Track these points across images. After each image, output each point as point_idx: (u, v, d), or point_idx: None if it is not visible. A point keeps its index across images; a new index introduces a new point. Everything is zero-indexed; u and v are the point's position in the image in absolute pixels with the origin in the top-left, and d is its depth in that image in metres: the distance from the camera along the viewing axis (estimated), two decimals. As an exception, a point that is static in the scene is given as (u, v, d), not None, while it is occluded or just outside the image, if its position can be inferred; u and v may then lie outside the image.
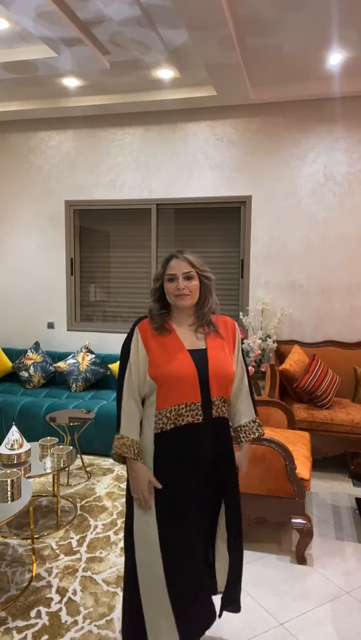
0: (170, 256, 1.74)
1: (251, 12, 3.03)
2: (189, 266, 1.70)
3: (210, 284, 1.75)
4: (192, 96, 4.24)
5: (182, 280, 1.69)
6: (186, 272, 1.70)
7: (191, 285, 1.70)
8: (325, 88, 4.08)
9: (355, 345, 4.26)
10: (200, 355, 1.69)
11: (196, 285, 1.71)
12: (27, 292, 5.13)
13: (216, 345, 1.74)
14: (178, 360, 1.66)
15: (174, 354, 1.67)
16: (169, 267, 1.71)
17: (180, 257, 1.72)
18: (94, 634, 2.08)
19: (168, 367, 1.65)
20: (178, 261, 1.71)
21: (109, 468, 3.79)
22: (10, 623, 2.14)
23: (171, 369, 1.65)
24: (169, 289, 1.71)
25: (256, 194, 4.48)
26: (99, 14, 3.08)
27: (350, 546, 2.77)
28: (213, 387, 1.69)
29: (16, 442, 2.85)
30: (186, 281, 1.69)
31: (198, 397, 1.66)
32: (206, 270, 1.74)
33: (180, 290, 1.68)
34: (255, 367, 4.20)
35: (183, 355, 1.68)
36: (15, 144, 5.06)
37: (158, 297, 1.76)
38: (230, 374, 1.74)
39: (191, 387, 1.66)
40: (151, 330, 1.71)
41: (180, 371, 1.65)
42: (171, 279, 1.70)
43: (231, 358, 1.77)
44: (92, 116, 4.79)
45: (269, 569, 2.56)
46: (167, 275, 1.71)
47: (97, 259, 5.03)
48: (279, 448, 2.60)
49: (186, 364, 1.66)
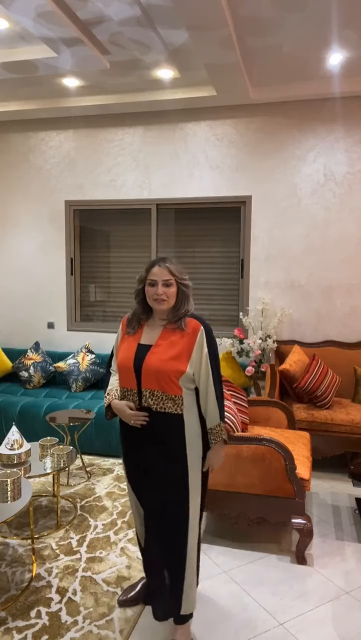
0: (153, 263, 1.94)
1: (251, 12, 3.03)
2: (169, 274, 1.91)
3: (187, 291, 1.96)
4: (192, 96, 4.24)
5: (161, 287, 1.89)
6: (166, 279, 1.90)
7: (169, 291, 1.91)
8: (325, 88, 4.08)
9: (355, 345, 4.26)
10: (145, 350, 1.93)
11: (174, 291, 1.93)
12: (27, 292, 5.13)
13: (166, 343, 1.91)
14: (125, 353, 1.96)
15: (127, 347, 1.97)
16: (151, 273, 1.91)
17: (162, 265, 1.92)
18: (94, 634, 2.08)
19: (119, 358, 1.99)
20: (160, 269, 1.91)
21: (109, 468, 3.79)
22: (10, 623, 2.14)
23: (119, 360, 1.98)
24: (149, 292, 1.92)
25: (256, 194, 4.48)
26: (99, 14, 3.08)
27: (350, 546, 2.77)
28: (143, 379, 1.91)
29: (16, 442, 2.85)
30: (165, 287, 1.90)
31: (134, 385, 1.94)
32: (185, 279, 1.95)
33: (159, 295, 1.90)
34: (255, 367, 4.20)
35: (131, 349, 1.96)
36: (15, 144, 5.06)
37: (141, 298, 1.98)
38: (165, 370, 1.87)
39: (129, 376, 1.94)
40: (124, 328, 2.03)
41: (122, 362, 1.96)
42: (152, 284, 1.91)
43: (183, 358, 1.89)
44: (92, 116, 4.79)
45: (269, 569, 2.56)
46: (149, 280, 1.92)
47: (97, 259, 5.03)
48: (279, 448, 2.60)
49: (128, 357, 1.94)
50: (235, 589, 2.40)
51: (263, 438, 2.63)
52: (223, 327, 4.66)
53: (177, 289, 1.93)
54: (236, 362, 4.30)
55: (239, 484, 2.67)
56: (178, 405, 1.90)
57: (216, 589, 2.40)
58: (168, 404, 1.89)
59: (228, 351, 4.29)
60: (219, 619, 2.19)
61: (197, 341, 1.91)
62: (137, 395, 1.94)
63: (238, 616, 2.21)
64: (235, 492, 2.69)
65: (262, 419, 3.34)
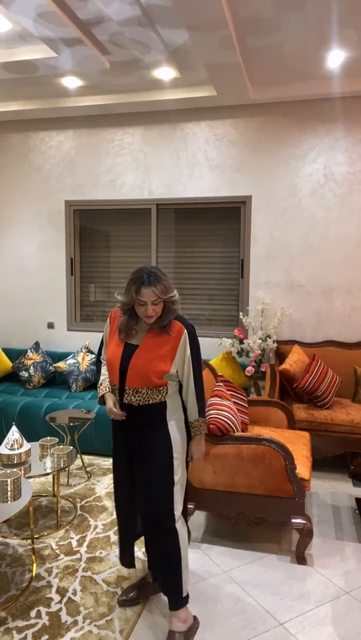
0: (142, 282, 1.97)
1: (251, 12, 3.03)
2: (156, 296, 1.97)
3: (173, 307, 2.04)
4: (192, 96, 4.24)
5: (150, 306, 1.98)
6: (154, 299, 1.97)
7: (158, 308, 2.01)
8: (325, 88, 4.08)
9: (355, 345, 4.26)
10: (132, 350, 2.04)
11: (161, 307, 2.02)
12: (27, 292, 5.13)
13: (150, 344, 2.03)
14: (113, 351, 2.08)
15: (115, 346, 2.09)
16: (141, 294, 1.97)
17: (149, 287, 1.96)
18: (94, 634, 2.08)
19: (108, 355, 2.10)
20: (148, 290, 1.96)
21: (109, 468, 3.79)
22: (10, 623, 2.14)
23: (108, 356, 2.10)
24: (139, 311, 2.02)
25: (256, 194, 4.48)
26: (99, 14, 3.08)
27: (350, 546, 2.77)
28: (128, 378, 2.03)
29: (16, 442, 2.85)
30: (154, 306, 1.99)
31: (117, 382, 2.08)
32: (172, 296, 2.02)
33: (148, 314, 2.00)
34: (255, 367, 4.20)
35: (118, 348, 2.08)
36: (15, 144, 5.06)
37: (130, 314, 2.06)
38: (151, 370, 1.99)
39: (115, 373, 2.07)
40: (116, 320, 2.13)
41: (110, 359, 2.08)
42: (142, 304, 1.99)
43: (168, 358, 2.02)
44: (92, 116, 4.79)
45: (269, 569, 2.56)
46: (139, 301, 1.99)
47: (97, 259, 5.03)
48: (279, 448, 2.60)
49: (116, 355, 2.07)
50: (235, 589, 2.40)
51: (263, 438, 2.63)
52: (223, 327, 4.66)
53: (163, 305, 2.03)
54: (236, 362, 4.30)
55: (239, 484, 2.67)
56: (163, 395, 2.06)
57: (216, 589, 2.40)
58: (153, 396, 2.04)
59: (228, 351, 4.29)
60: (219, 619, 2.19)
61: (180, 343, 2.04)
62: (119, 391, 2.08)
63: (238, 616, 2.21)
64: (235, 492, 2.69)
65: (262, 419, 3.34)
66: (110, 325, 2.17)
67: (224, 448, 2.65)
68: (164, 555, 2.08)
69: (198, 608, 2.26)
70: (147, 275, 1.97)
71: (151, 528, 2.12)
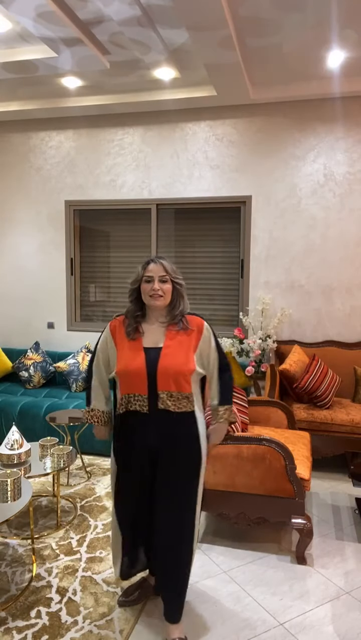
0: (149, 260, 2.00)
1: (251, 12, 3.03)
2: (164, 271, 1.97)
3: (181, 289, 2.02)
4: (192, 96, 4.24)
5: (157, 282, 1.95)
6: (162, 275, 1.96)
7: (165, 287, 1.97)
8: (325, 88, 4.08)
9: (355, 345, 4.26)
10: (155, 353, 1.95)
11: (169, 288, 1.98)
12: (27, 292, 5.13)
13: (174, 344, 1.96)
14: (132, 359, 1.95)
15: (133, 354, 1.96)
16: (147, 270, 1.97)
17: (157, 262, 1.99)
18: (94, 634, 2.08)
19: (125, 365, 1.96)
20: (156, 265, 1.97)
21: (109, 468, 3.78)
22: (10, 623, 2.14)
23: (124, 367, 1.96)
24: (146, 289, 1.97)
25: (256, 194, 4.48)
26: (99, 14, 3.08)
27: (350, 546, 2.77)
28: (159, 382, 1.93)
29: (16, 442, 2.85)
30: (161, 283, 1.96)
31: (145, 390, 1.94)
32: (178, 277, 2.01)
33: (155, 290, 1.95)
34: (255, 367, 4.20)
35: (138, 354, 1.96)
36: (15, 144, 5.06)
37: (135, 297, 2.03)
38: (182, 370, 1.93)
39: (138, 381, 1.94)
40: (123, 332, 2.01)
41: (129, 368, 1.95)
42: (148, 280, 1.97)
43: (190, 355, 1.96)
44: (92, 116, 4.79)
45: (269, 569, 2.56)
46: (145, 277, 1.97)
47: (97, 259, 5.03)
48: (279, 448, 2.60)
49: (137, 363, 1.94)
50: (235, 589, 2.40)
51: (263, 438, 2.63)
52: (223, 327, 4.66)
53: (172, 287, 1.99)
54: (236, 362, 4.30)
55: (239, 484, 2.67)
56: (191, 403, 1.98)
57: (216, 589, 2.40)
58: (183, 403, 1.95)
59: (228, 351, 4.29)
60: (219, 619, 2.19)
61: (203, 336, 2.01)
62: (148, 400, 1.95)
63: (238, 616, 2.21)
64: (235, 492, 2.69)
65: (262, 419, 3.34)
66: (112, 337, 2.05)
67: (224, 448, 2.65)
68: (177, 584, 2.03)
69: (198, 608, 2.26)
70: (155, 257, 2.03)
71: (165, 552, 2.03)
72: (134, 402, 1.97)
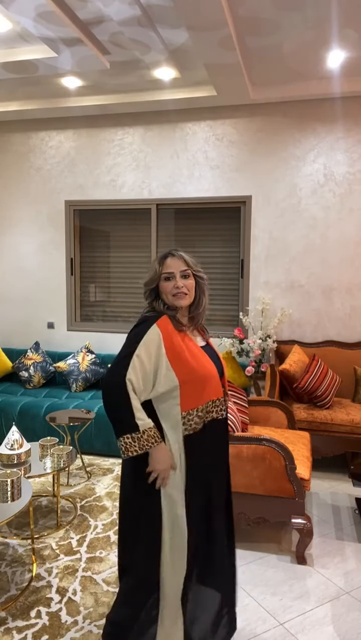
0: (165, 254, 1.70)
1: (251, 12, 3.03)
2: (185, 265, 1.68)
3: (204, 285, 1.74)
4: (192, 96, 4.24)
5: (179, 279, 1.66)
6: (183, 270, 1.67)
7: (188, 283, 1.68)
8: (325, 88, 4.07)
9: (355, 345, 4.26)
10: (210, 353, 1.73)
11: (193, 284, 1.70)
12: (27, 292, 5.13)
13: (212, 344, 1.84)
14: (200, 359, 1.66)
15: (194, 353, 1.66)
16: (165, 266, 1.67)
17: (176, 255, 1.69)
18: (94, 634, 2.08)
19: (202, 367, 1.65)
20: (174, 259, 1.68)
21: (109, 468, 3.79)
22: (10, 623, 2.14)
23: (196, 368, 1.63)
24: (167, 288, 1.66)
25: (256, 194, 4.48)
26: (99, 14, 3.08)
27: (350, 546, 2.77)
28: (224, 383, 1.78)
29: (16, 442, 2.85)
30: (183, 280, 1.67)
31: (221, 392, 1.72)
32: (200, 270, 1.73)
33: (179, 288, 1.65)
34: (255, 367, 4.20)
35: (201, 353, 1.68)
36: (15, 144, 5.06)
37: (153, 298, 1.71)
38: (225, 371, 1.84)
39: (216, 383, 1.69)
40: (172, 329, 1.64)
41: (204, 370, 1.65)
42: (168, 278, 1.67)
43: None
44: (92, 116, 4.79)
45: (269, 569, 2.56)
46: (164, 274, 1.67)
47: (97, 259, 5.03)
48: (279, 448, 2.60)
49: (206, 362, 1.67)
50: (235, 589, 2.40)
51: (263, 438, 2.63)
52: (223, 327, 4.66)
53: (195, 282, 1.71)
54: (236, 362, 4.30)
55: (239, 484, 2.67)
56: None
57: (216, 589, 2.40)
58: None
59: (228, 351, 4.29)
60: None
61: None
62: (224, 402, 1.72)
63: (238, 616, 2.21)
64: (235, 492, 2.68)
65: (262, 419, 3.34)
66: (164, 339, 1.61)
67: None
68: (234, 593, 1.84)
69: (198, 608, 2.26)
70: (170, 249, 1.73)
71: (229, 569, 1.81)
72: (212, 410, 1.69)
